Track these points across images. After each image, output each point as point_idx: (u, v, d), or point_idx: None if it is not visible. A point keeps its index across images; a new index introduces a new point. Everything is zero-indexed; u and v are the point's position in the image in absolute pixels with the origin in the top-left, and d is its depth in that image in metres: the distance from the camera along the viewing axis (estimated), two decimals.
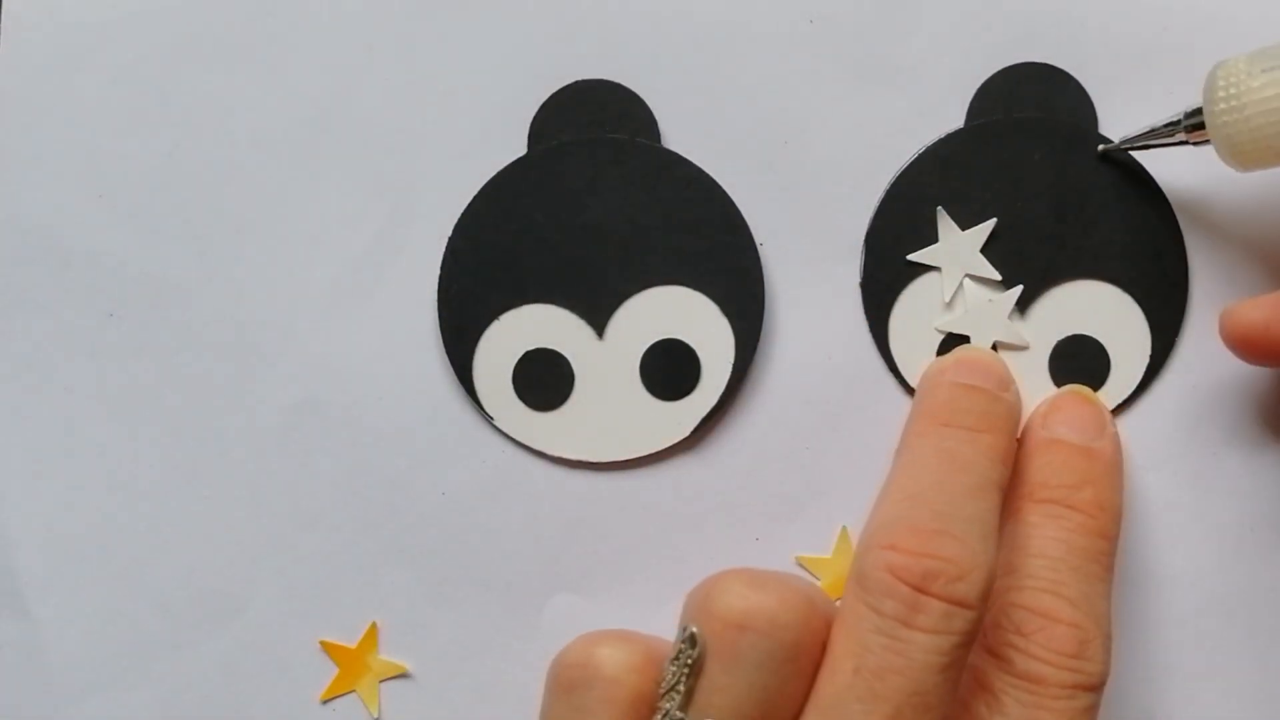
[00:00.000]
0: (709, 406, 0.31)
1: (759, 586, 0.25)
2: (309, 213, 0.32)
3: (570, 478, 0.32)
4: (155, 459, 0.32)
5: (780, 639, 0.25)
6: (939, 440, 0.28)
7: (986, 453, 0.28)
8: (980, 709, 0.26)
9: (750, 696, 0.25)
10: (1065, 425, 0.29)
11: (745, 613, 0.25)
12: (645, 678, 0.26)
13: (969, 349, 0.31)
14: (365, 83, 0.32)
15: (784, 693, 0.25)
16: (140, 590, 0.32)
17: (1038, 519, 0.28)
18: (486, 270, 0.32)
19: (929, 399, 0.29)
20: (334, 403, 0.32)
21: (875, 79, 0.31)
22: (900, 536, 0.25)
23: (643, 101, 0.31)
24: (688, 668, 0.25)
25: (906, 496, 0.27)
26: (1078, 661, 0.26)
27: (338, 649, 0.32)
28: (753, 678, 0.25)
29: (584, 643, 0.26)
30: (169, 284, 0.32)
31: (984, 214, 0.31)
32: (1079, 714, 0.26)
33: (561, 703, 0.26)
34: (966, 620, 0.25)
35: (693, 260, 0.31)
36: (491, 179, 0.32)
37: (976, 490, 0.27)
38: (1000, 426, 0.28)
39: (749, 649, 0.25)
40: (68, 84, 0.32)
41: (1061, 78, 0.31)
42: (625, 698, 0.25)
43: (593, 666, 0.26)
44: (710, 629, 0.25)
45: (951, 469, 0.27)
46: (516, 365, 0.32)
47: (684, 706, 0.25)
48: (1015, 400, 0.29)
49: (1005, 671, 0.26)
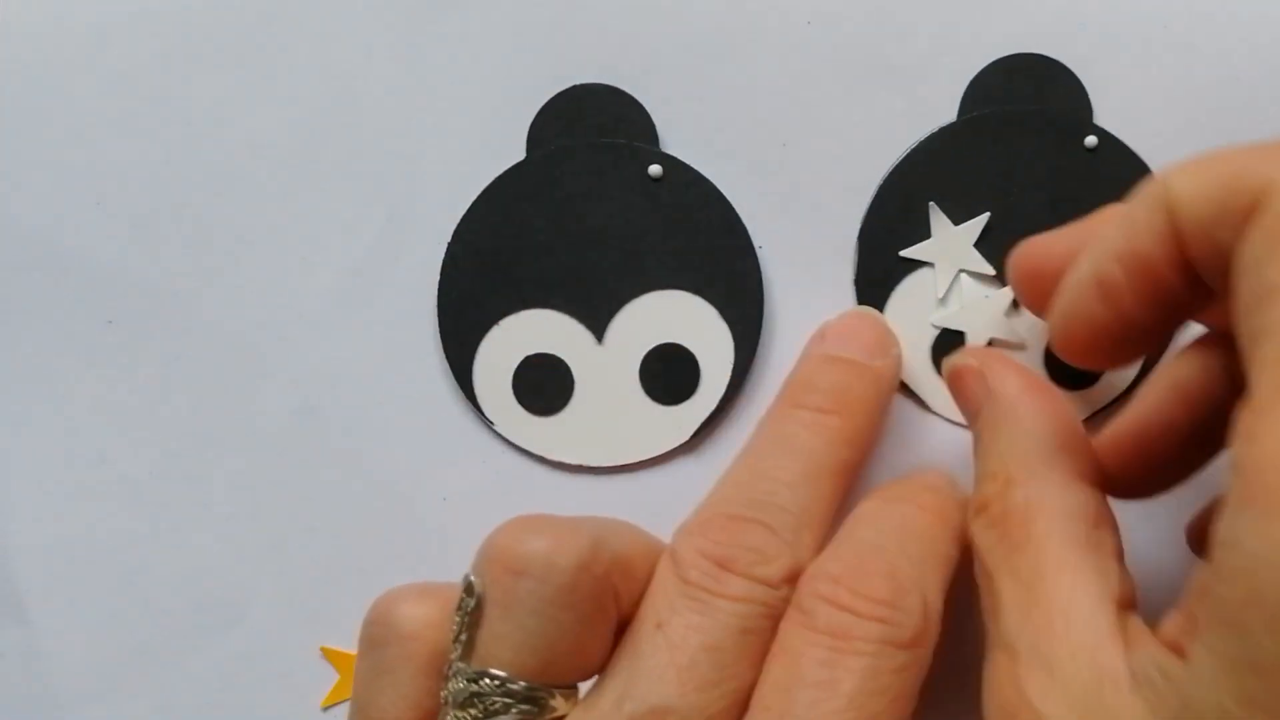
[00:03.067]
0: (709, 410, 0.31)
1: (535, 530, 0.24)
2: (308, 218, 0.32)
3: (570, 482, 0.32)
4: (155, 466, 0.32)
5: (556, 583, 0.24)
6: (782, 424, 0.28)
7: (828, 436, 0.27)
8: (777, 671, 0.24)
9: (529, 643, 0.24)
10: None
11: (520, 556, 0.24)
12: (444, 632, 0.25)
13: (851, 312, 0.31)
14: (363, 88, 0.32)
15: (566, 639, 0.24)
16: (140, 597, 0.32)
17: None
18: (486, 275, 0.31)
19: (794, 374, 0.30)
20: (333, 408, 0.32)
21: (873, 78, 0.31)
22: (714, 524, 0.26)
23: (641, 105, 0.31)
24: (468, 616, 0.24)
25: (733, 484, 0.27)
26: (888, 610, 0.24)
27: (339, 655, 0.32)
28: (529, 623, 0.24)
29: (385, 600, 0.26)
30: (168, 291, 0.32)
31: (978, 208, 0.31)
32: (888, 674, 0.24)
33: (365, 661, 0.26)
34: (769, 594, 0.25)
35: (691, 264, 0.31)
36: (490, 183, 0.32)
37: (805, 477, 0.27)
38: (854, 406, 0.28)
39: (525, 594, 0.24)
40: (65, 90, 0.32)
41: (1055, 69, 0.31)
42: (424, 653, 0.25)
43: (391, 624, 0.26)
44: (490, 575, 0.24)
45: (784, 456, 0.27)
46: (516, 370, 0.31)
47: (466, 656, 0.24)
48: (889, 366, 0.29)
49: (808, 628, 0.24)
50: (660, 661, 0.24)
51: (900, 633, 0.24)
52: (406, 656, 0.25)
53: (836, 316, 0.30)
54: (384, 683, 0.25)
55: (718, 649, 0.24)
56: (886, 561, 0.25)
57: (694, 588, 0.25)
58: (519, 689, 0.24)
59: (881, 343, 0.30)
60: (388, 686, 0.25)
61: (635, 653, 0.24)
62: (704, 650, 0.24)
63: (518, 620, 0.24)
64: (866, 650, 0.24)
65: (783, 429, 0.28)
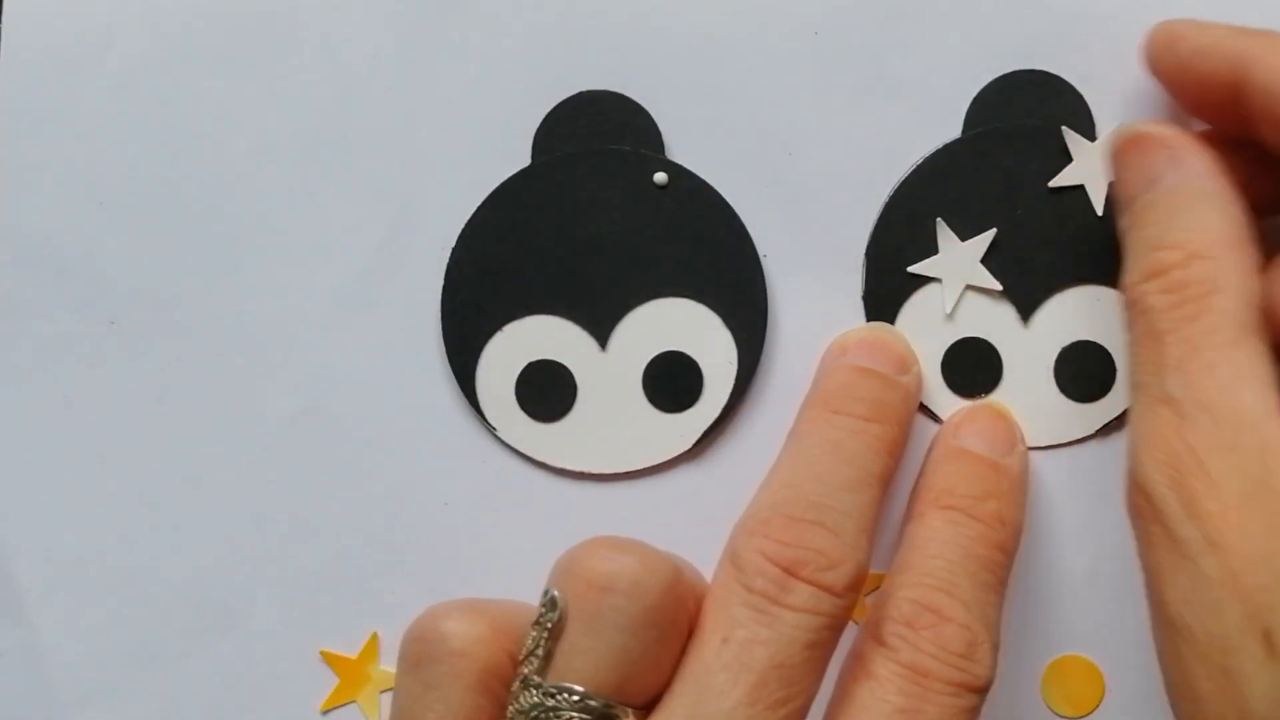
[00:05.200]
0: (712, 418, 0.31)
1: (623, 550, 0.25)
2: (311, 222, 0.32)
3: (573, 489, 0.32)
4: (156, 468, 0.32)
5: (643, 602, 0.24)
6: (827, 429, 0.28)
7: (872, 444, 0.28)
8: (863, 693, 0.25)
9: (610, 660, 0.24)
10: (976, 437, 0.29)
11: (607, 574, 0.24)
12: (494, 648, 0.25)
13: (872, 327, 0.31)
14: (368, 92, 0.32)
15: (646, 658, 0.24)
16: (141, 599, 0.32)
17: (939, 523, 0.28)
18: (489, 281, 0.31)
19: (826, 381, 0.30)
20: (336, 413, 0.32)
21: (878, 90, 0.31)
22: (775, 524, 0.26)
23: (646, 113, 0.31)
24: (548, 631, 0.24)
25: (787, 484, 0.27)
26: (965, 661, 0.25)
27: (338, 659, 0.32)
28: (613, 640, 0.24)
29: (430, 616, 0.26)
30: (170, 293, 0.32)
31: (984, 223, 0.31)
32: (961, 713, 0.25)
33: (410, 678, 0.26)
34: (834, 605, 0.25)
35: (696, 272, 0.31)
36: (495, 190, 0.31)
37: (857, 483, 0.27)
38: (891, 416, 0.28)
39: (610, 611, 0.24)
40: (68, 92, 0.32)
41: (1059, 84, 0.31)
42: (473, 670, 0.25)
43: (438, 640, 0.25)
44: (573, 591, 0.25)
45: (835, 460, 0.27)
46: (519, 376, 0.32)
47: (542, 670, 0.24)
48: (914, 383, 0.30)
49: (892, 660, 0.25)
50: (728, 679, 0.24)
51: (974, 680, 0.25)
52: (456, 673, 0.25)
53: (855, 329, 0.31)
54: (432, 698, 0.25)
55: (786, 665, 0.24)
56: (961, 608, 0.26)
57: (758, 596, 0.25)
58: (596, 705, 0.24)
59: (904, 359, 0.30)
60: (436, 703, 0.25)
61: (703, 669, 0.24)
62: (773, 667, 0.24)
63: (601, 635, 0.24)
64: (945, 691, 0.25)
65: (828, 434, 0.28)
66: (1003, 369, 0.31)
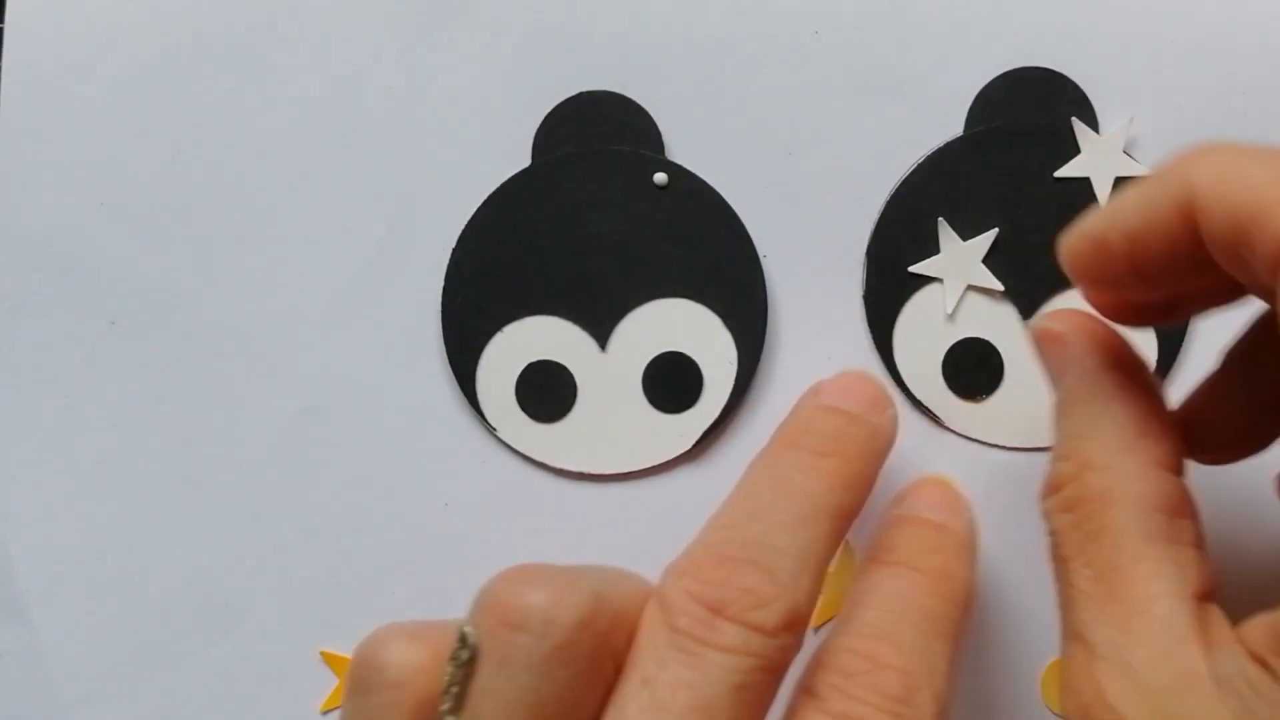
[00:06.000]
0: (711, 419, 0.31)
1: (534, 582, 0.23)
2: (312, 222, 0.32)
3: (573, 489, 0.32)
4: (156, 468, 0.32)
5: (553, 640, 0.22)
6: (776, 466, 0.27)
7: (824, 479, 0.26)
8: None
9: (523, 701, 0.22)
10: (920, 503, 0.28)
11: (519, 610, 0.23)
12: (434, 678, 0.24)
13: (848, 372, 0.29)
14: (369, 93, 0.32)
15: (561, 700, 0.23)
16: (140, 599, 0.32)
17: (880, 577, 0.26)
18: (490, 281, 0.31)
19: (787, 423, 0.28)
20: (336, 413, 0.32)
21: (879, 89, 0.31)
22: (706, 565, 0.24)
23: (646, 113, 0.31)
24: (461, 668, 0.23)
25: (724, 525, 0.25)
26: (902, 706, 0.23)
27: (338, 659, 0.32)
28: (524, 681, 0.22)
29: (374, 642, 0.25)
30: (171, 293, 0.32)
31: (985, 222, 0.31)
32: None
33: (351, 703, 0.24)
34: (765, 644, 0.23)
35: (696, 272, 0.31)
36: (495, 190, 0.32)
37: (802, 520, 0.25)
38: (851, 451, 0.27)
39: (520, 650, 0.22)
40: (70, 93, 0.32)
41: (1060, 82, 0.31)
42: (411, 700, 0.24)
43: (377, 670, 0.24)
44: (485, 627, 0.23)
45: (777, 496, 0.26)
46: (520, 377, 0.31)
47: (456, 710, 0.23)
48: (885, 423, 0.28)
49: (821, 712, 0.23)
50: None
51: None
52: (393, 704, 0.24)
53: (832, 376, 0.29)
54: None
55: (710, 708, 0.22)
56: (899, 654, 0.24)
57: (683, 636, 0.23)
58: None
59: (878, 400, 0.28)
60: None
61: (618, 714, 0.23)
62: (694, 711, 0.22)
63: (512, 676, 0.23)
64: None
65: (777, 470, 0.26)
66: (1004, 370, 0.31)
